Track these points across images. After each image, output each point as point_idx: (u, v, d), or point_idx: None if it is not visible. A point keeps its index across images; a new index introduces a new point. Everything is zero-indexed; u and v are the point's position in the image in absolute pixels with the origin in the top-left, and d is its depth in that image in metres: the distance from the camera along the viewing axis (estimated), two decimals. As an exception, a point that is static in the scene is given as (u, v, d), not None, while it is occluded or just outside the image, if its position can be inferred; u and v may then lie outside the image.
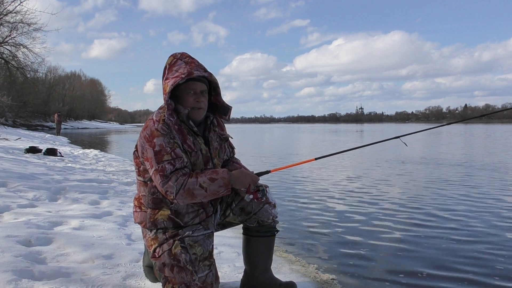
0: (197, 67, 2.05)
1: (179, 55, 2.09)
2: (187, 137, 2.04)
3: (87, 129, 57.34)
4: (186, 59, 2.07)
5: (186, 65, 2.04)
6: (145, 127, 2.03)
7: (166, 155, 1.94)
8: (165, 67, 2.09)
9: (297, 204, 5.56)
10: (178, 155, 1.96)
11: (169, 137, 1.97)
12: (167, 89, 2.01)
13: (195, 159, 2.05)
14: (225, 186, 1.98)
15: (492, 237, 3.92)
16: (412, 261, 3.25)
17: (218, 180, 1.96)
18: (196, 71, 2.03)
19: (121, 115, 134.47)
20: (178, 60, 2.06)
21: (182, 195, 1.93)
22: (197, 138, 2.08)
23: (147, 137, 1.99)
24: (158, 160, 1.94)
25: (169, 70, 2.06)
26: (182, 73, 2.00)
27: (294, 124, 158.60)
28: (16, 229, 3.11)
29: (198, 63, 2.09)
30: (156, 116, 2.04)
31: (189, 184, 1.92)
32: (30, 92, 36.66)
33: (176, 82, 1.99)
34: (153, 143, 1.96)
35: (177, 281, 1.94)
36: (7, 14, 20.54)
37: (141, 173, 2.09)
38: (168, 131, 1.98)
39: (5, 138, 14.86)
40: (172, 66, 2.06)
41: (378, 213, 4.95)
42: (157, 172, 1.94)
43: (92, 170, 7.78)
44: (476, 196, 6.02)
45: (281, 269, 2.81)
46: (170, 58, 2.09)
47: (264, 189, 2.14)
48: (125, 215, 4.00)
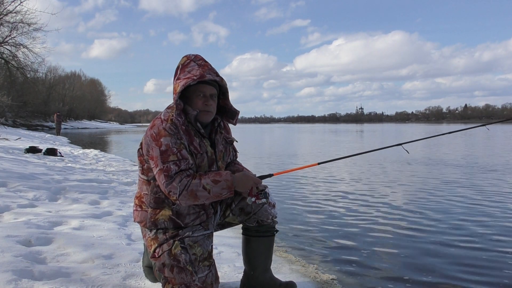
0: (210, 71, 2.05)
1: (192, 57, 2.09)
2: (193, 138, 2.04)
3: (87, 129, 57.34)
4: (200, 62, 2.07)
5: (199, 68, 2.04)
6: (152, 126, 2.02)
7: (172, 155, 1.94)
8: (177, 67, 2.09)
9: (298, 204, 5.55)
10: (184, 156, 1.96)
11: (176, 137, 1.97)
12: (177, 89, 2.02)
13: (200, 161, 2.05)
14: (228, 188, 1.97)
15: (496, 241, 3.92)
16: (412, 262, 3.25)
17: (221, 182, 1.96)
18: (208, 75, 2.03)
19: (121, 115, 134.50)
20: (192, 62, 2.07)
21: (185, 196, 1.93)
22: (203, 140, 2.08)
23: (154, 135, 1.98)
24: (163, 160, 1.94)
25: (181, 70, 2.06)
26: (194, 75, 2.00)
27: (294, 124, 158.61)
28: (16, 229, 3.11)
29: (211, 67, 2.09)
30: (164, 116, 2.04)
31: (192, 186, 1.92)
32: (30, 92, 36.69)
33: (187, 83, 1.99)
34: (160, 142, 1.96)
35: (177, 281, 1.94)
36: (7, 14, 20.56)
37: (145, 171, 2.09)
38: (176, 131, 1.98)
39: (5, 138, 14.87)
40: (185, 66, 2.06)
41: (379, 215, 4.96)
42: (161, 172, 1.94)
43: (92, 170, 7.79)
44: (479, 199, 6.02)
45: (281, 269, 2.81)
46: (184, 59, 2.09)
47: (267, 192, 2.12)
48: (125, 215, 4.00)
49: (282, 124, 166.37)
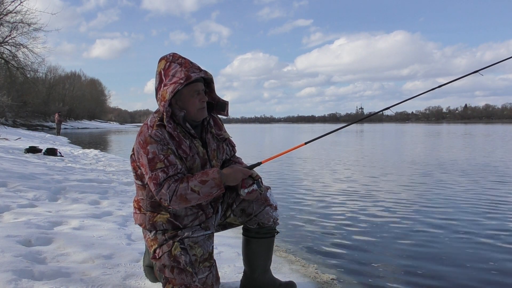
0: (193, 68, 2.00)
1: (170, 58, 2.03)
2: (182, 141, 2.01)
3: (87, 129, 57.35)
4: (179, 61, 2.01)
5: (181, 67, 1.99)
6: (140, 132, 2.00)
7: (159, 162, 1.93)
8: (159, 73, 2.02)
9: (297, 204, 5.56)
10: (171, 162, 1.94)
11: (162, 143, 1.95)
12: (166, 96, 1.96)
13: (191, 163, 2.03)
14: (217, 186, 1.96)
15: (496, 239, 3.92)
16: (412, 261, 3.25)
17: (209, 181, 1.94)
18: (193, 73, 1.98)
19: (121, 115, 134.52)
20: (172, 63, 2.01)
21: (176, 201, 1.92)
22: (194, 141, 2.06)
23: (141, 143, 1.97)
24: (151, 167, 1.93)
25: (165, 76, 2.00)
26: (180, 78, 1.96)
27: (294, 124, 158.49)
28: (16, 229, 3.11)
29: (191, 62, 2.03)
30: (150, 122, 2.01)
31: (180, 190, 1.91)
32: (30, 92, 36.65)
33: (175, 88, 1.95)
34: (147, 150, 1.94)
35: (177, 282, 1.94)
36: (7, 14, 20.54)
37: (139, 177, 2.08)
38: (162, 137, 1.96)
39: (5, 138, 14.86)
40: (167, 70, 2.00)
41: (378, 214, 4.95)
42: (151, 180, 1.94)
43: (92, 170, 7.78)
44: (479, 200, 6.01)
45: (281, 269, 2.81)
46: (163, 62, 2.03)
47: (259, 180, 2.08)
48: (125, 215, 4.00)
49: (282, 124, 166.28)
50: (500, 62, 2.76)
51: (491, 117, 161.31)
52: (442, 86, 2.74)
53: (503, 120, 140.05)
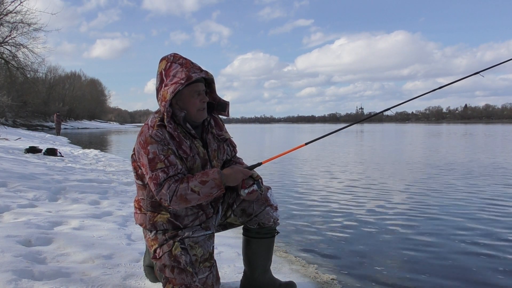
0: (193, 68, 2.01)
1: (171, 58, 2.03)
2: (183, 142, 2.01)
3: (87, 129, 57.35)
4: (180, 61, 2.02)
5: (182, 67, 1.99)
6: (141, 133, 2.01)
7: (159, 163, 1.93)
8: (160, 73, 2.03)
9: (298, 204, 5.56)
10: (171, 162, 1.94)
11: (162, 143, 1.95)
12: (167, 96, 1.97)
13: (192, 164, 2.03)
14: (217, 186, 1.96)
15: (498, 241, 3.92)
16: (412, 262, 3.25)
17: (209, 182, 1.95)
18: (194, 73, 1.98)
19: (121, 115, 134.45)
20: (173, 64, 2.01)
21: (176, 202, 1.93)
22: (194, 141, 2.06)
23: (142, 143, 1.97)
24: (152, 168, 1.93)
25: (166, 76, 2.00)
26: (181, 78, 1.96)
27: (294, 124, 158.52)
28: (16, 229, 3.11)
29: (192, 62, 2.04)
30: (151, 122, 2.01)
31: (180, 190, 1.91)
32: (30, 92, 36.64)
33: (176, 88, 1.95)
34: (147, 150, 1.95)
35: (177, 282, 1.94)
36: (7, 14, 20.53)
37: (139, 177, 2.08)
38: (162, 137, 1.96)
39: (5, 138, 14.86)
40: (167, 71, 2.01)
41: (379, 214, 4.95)
42: (151, 180, 1.94)
43: (92, 170, 7.78)
44: (479, 201, 6.01)
45: (281, 269, 2.81)
46: (164, 63, 2.03)
47: (260, 181, 2.09)
48: (125, 215, 4.00)
49: (282, 124, 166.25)
50: (501, 64, 2.75)
51: (491, 117, 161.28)
52: (443, 87, 2.73)
53: (503, 120, 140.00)
